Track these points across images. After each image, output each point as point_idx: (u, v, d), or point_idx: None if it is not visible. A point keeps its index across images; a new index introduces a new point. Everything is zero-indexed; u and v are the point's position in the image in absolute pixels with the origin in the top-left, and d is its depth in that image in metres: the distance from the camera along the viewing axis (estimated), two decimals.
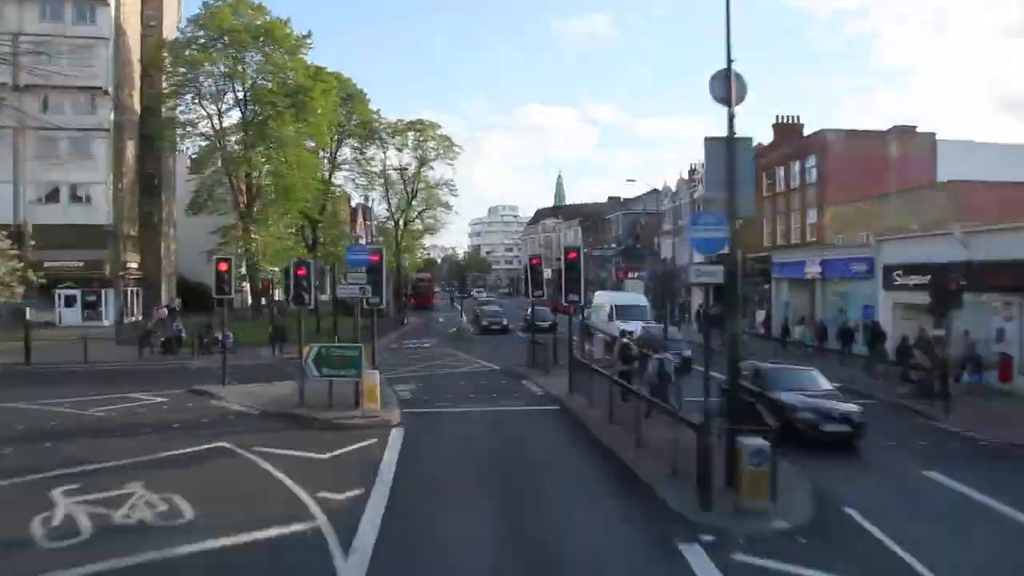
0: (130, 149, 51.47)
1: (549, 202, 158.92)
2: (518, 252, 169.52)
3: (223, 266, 23.04)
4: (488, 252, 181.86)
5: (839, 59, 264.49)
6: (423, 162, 64.62)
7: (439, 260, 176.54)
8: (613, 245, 79.18)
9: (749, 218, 46.60)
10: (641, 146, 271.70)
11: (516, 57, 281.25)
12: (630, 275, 74.93)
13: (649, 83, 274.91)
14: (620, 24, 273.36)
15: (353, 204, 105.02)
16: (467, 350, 36.01)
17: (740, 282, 12.85)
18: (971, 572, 9.36)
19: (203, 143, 52.84)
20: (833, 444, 15.09)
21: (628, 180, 63.04)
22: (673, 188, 66.73)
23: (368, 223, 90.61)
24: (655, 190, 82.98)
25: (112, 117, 47.15)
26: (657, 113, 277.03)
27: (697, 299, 54.67)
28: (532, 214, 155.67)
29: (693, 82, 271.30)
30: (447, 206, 66.39)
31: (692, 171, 63.52)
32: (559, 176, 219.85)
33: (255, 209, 51.58)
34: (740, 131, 11.84)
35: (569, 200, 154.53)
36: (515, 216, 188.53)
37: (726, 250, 12.55)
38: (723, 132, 11.94)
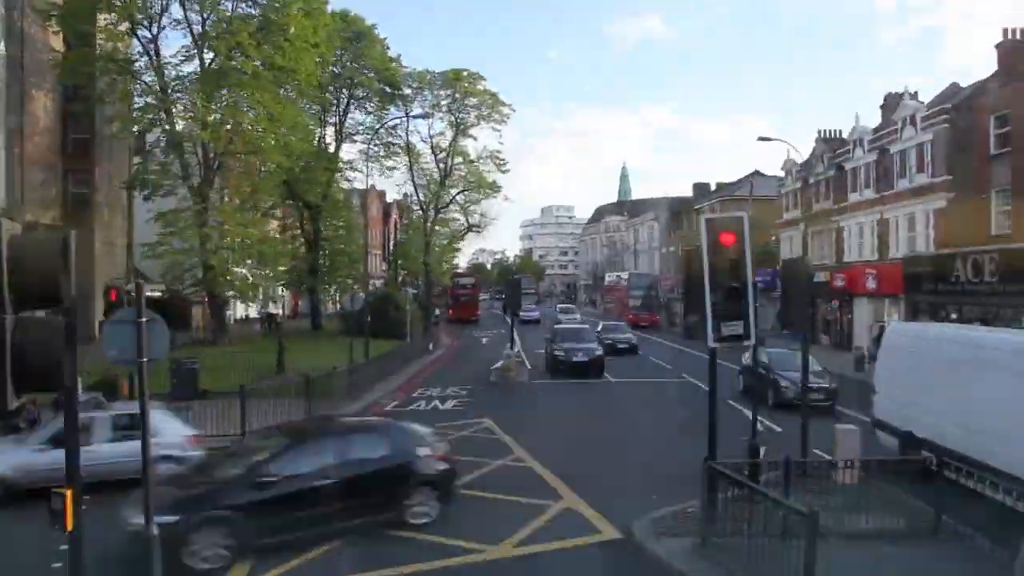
0: (43, 101, 36.06)
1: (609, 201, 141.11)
2: (574, 256, 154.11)
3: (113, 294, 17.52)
4: (541, 256, 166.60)
5: None
6: (460, 128, 48.04)
7: (488, 265, 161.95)
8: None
9: (962, 192, 29.94)
10: (697, 149, 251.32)
11: (567, 58, 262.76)
12: None
13: (704, 83, 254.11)
14: (673, 24, 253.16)
15: (388, 200, 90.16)
16: (519, 429, 19.04)
17: None
18: None
19: (148, 99, 37.09)
20: None
21: (760, 138, 43.17)
22: (798, 161, 48.90)
23: (404, 222, 74.46)
24: (756, 172, 65.31)
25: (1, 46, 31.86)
26: (714, 114, 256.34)
27: (863, 315, 37.02)
28: (590, 214, 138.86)
29: (746, 82, 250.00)
30: (493, 187, 49.50)
31: (830, 137, 45.75)
32: (624, 168, 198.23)
33: (213, 184, 35.71)
34: None
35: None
36: (570, 217, 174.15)
37: None
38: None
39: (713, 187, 72.16)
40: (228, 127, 35.22)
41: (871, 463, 10.46)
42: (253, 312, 55.56)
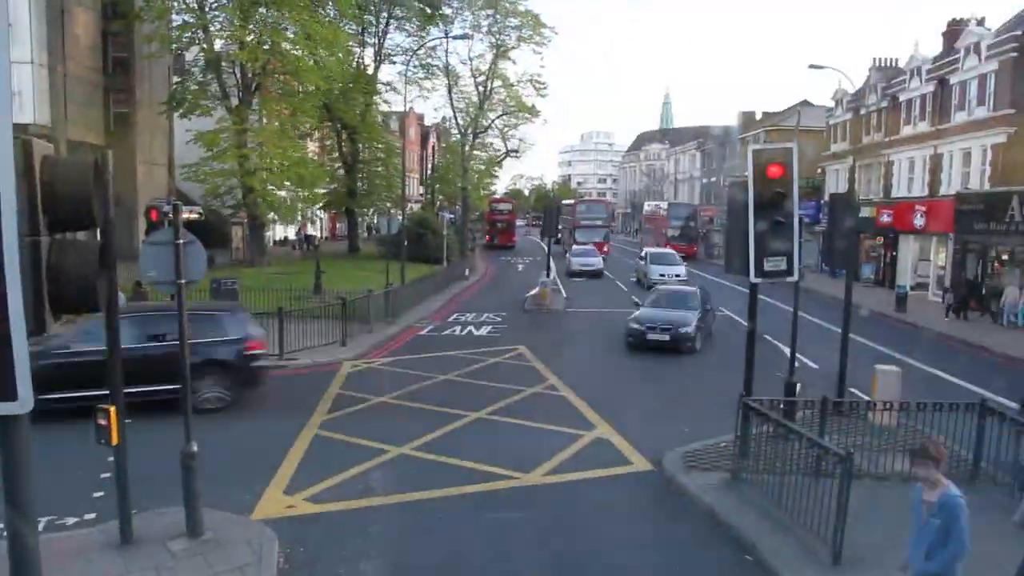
0: (82, 19, 35.90)
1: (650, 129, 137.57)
2: (612, 184, 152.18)
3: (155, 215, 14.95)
4: (579, 183, 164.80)
5: None
6: (501, 50, 46.78)
7: (526, 191, 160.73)
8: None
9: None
10: (745, 77, 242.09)
11: None
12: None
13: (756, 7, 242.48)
14: None
15: (426, 123, 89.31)
16: (553, 357, 19.22)
17: None
18: None
19: (185, 17, 36.56)
20: None
21: (811, 66, 41.13)
22: (850, 92, 46.95)
23: (442, 146, 73.69)
24: (805, 102, 63.01)
25: None
26: (765, 41, 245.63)
27: (909, 253, 36.04)
28: (630, 142, 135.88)
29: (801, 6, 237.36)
30: (532, 111, 48.41)
31: (886, 66, 43.69)
32: (666, 95, 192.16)
33: (252, 105, 35.50)
34: None
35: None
36: (610, 144, 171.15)
37: None
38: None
39: (759, 116, 69.92)
40: (266, 47, 34.74)
41: (910, 405, 10.24)
42: (291, 234, 56.20)
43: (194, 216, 35.94)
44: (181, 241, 7.36)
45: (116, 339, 7.22)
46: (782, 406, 10.22)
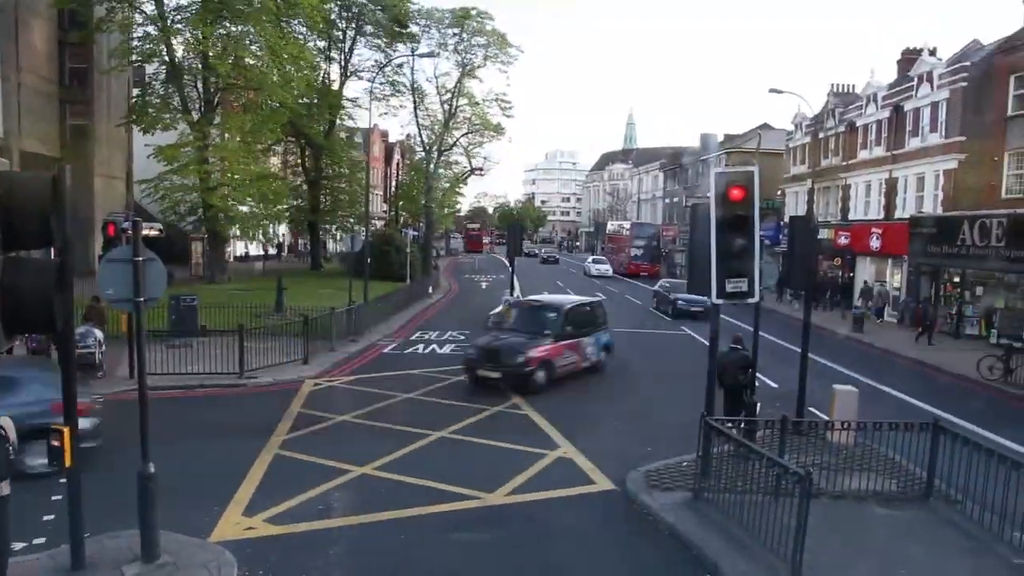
0: (39, 30, 35.24)
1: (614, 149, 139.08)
2: (576, 203, 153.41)
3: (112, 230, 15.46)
4: (543, 202, 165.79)
5: None
6: (467, 69, 47.00)
7: (490, 209, 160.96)
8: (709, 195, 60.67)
9: (975, 153, 29.38)
10: (706, 100, 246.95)
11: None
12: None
13: (718, 31, 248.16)
14: None
15: (391, 140, 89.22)
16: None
17: None
18: None
19: (147, 29, 36.02)
20: None
21: (771, 90, 42.62)
22: (808, 116, 48.10)
23: (407, 163, 73.65)
24: (765, 125, 64.49)
25: None
26: (726, 66, 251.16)
27: (866, 275, 36.87)
28: (594, 161, 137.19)
29: (761, 31, 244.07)
30: (498, 129, 48.64)
31: (843, 92, 44.93)
32: (630, 116, 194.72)
33: (214, 120, 35.10)
34: None
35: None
36: (573, 163, 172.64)
37: None
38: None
39: (720, 138, 71.21)
40: (230, 61, 34.47)
41: (867, 424, 10.46)
42: (253, 249, 55.48)
43: (154, 233, 35.50)
44: (141, 258, 7.23)
45: (71, 360, 7.04)
46: (743, 426, 10.35)
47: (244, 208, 35.06)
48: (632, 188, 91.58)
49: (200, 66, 34.25)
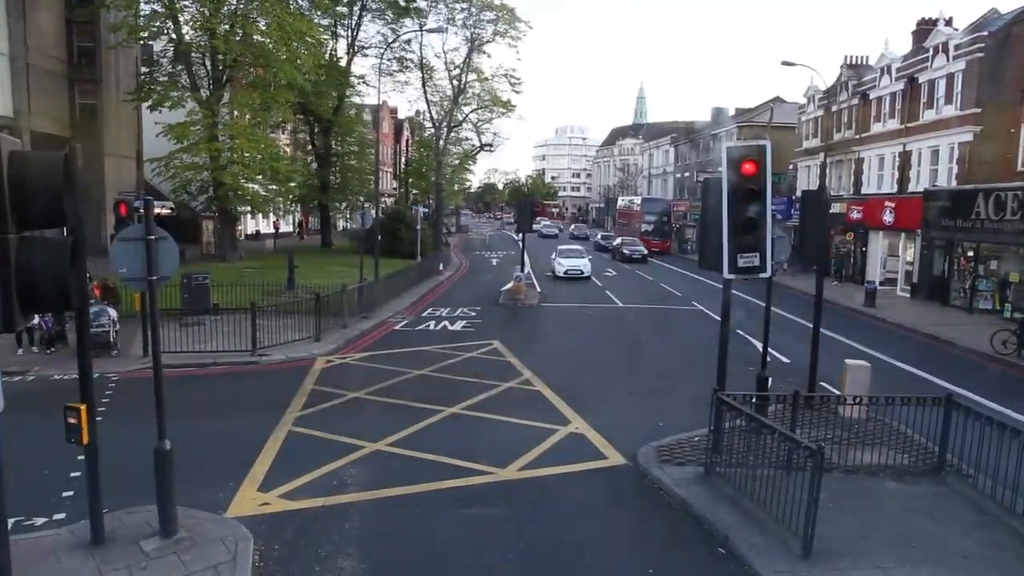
0: (46, 9, 35.12)
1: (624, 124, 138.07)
2: (586, 178, 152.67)
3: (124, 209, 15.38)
4: (553, 177, 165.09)
5: None
6: (476, 44, 46.60)
7: (500, 185, 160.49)
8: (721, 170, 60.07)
9: (991, 125, 28.98)
10: (718, 74, 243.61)
11: None
12: None
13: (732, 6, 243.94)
14: None
15: (400, 117, 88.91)
16: (528, 352, 19.48)
17: None
18: None
19: (153, 6, 35.79)
20: None
21: (783, 63, 42.26)
22: (821, 88, 47.49)
23: (416, 139, 73.48)
24: (777, 99, 63.78)
25: None
26: (739, 39, 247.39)
27: (878, 249, 36.58)
28: (604, 137, 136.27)
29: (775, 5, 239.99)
30: (507, 105, 48.27)
31: (857, 64, 44.31)
32: (641, 90, 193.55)
33: (223, 98, 35.02)
34: None
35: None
36: (584, 139, 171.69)
37: None
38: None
39: (732, 112, 70.48)
40: (237, 38, 34.29)
41: (879, 399, 10.43)
42: (264, 227, 55.61)
43: (166, 212, 35.55)
44: (153, 237, 7.26)
45: (86, 338, 7.11)
46: (755, 401, 10.35)
47: (255, 186, 35.01)
48: (643, 163, 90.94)
49: (207, 43, 34.09)
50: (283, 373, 16.04)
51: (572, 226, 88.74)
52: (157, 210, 7.54)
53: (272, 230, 59.91)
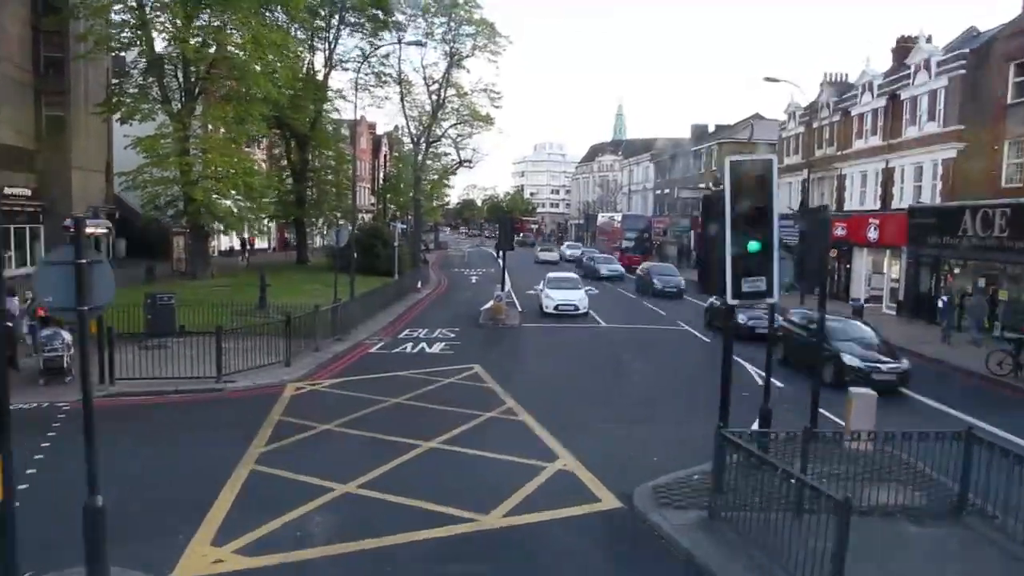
0: (11, 16, 33.92)
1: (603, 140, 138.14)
2: (565, 195, 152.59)
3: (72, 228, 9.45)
4: (532, 194, 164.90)
5: None
6: (455, 59, 45.92)
7: (479, 201, 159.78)
8: (706, 185, 59.88)
9: (974, 142, 28.69)
10: (695, 91, 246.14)
11: None
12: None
13: (708, 22, 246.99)
14: None
15: (378, 132, 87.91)
16: (510, 377, 18.66)
17: None
18: None
19: (124, 16, 34.65)
20: None
21: (766, 79, 41.73)
22: (802, 105, 47.40)
23: (394, 155, 72.58)
24: (757, 116, 63.78)
25: None
26: (715, 56, 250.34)
27: (863, 267, 36.19)
28: (583, 153, 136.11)
29: (752, 21, 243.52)
30: (487, 120, 47.59)
31: (837, 81, 44.22)
32: (619, 107, 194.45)
33: (195, 111, 33.96)
34: None
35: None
36: (562, 155, 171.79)
37: None
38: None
39: (712, 129, 70.42)
40: (211, 50, 33.31)
41: (895, 435, 9.63)
42: (238, 244, 54.33)
43: (101, 231, 34.12)
44: (85, 261, 6.30)
45: (4, 375, 6.12)
46: (760, 437, 9.51)
47: (227, 202, 33.87)
48: (623, 179, 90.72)
49: (180, 55, 33.06)
50: (249, 402, 14.99)
51: (565, 245, 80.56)
52: (91, 229, 6.68)
53: (247, 247, 58.68)
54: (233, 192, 35.37)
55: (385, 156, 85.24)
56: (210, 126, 34.60)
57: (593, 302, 30.92)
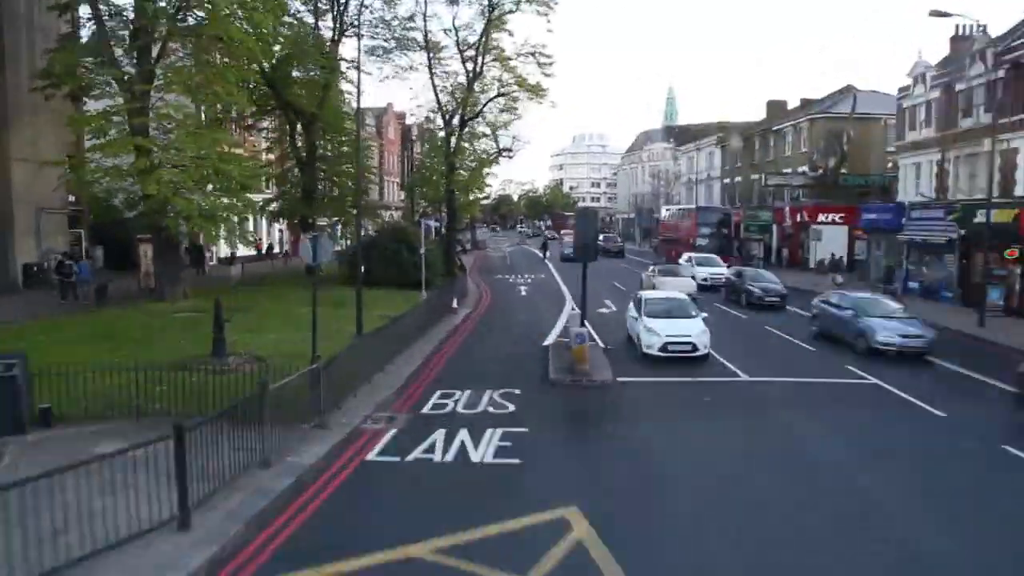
0: None
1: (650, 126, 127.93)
2: (607, 188, 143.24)
3: None
4: (572, 188, 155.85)
5: None
6: (494, 15, 36.75)
7: (515, 196, 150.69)
8: (801, 171, 49.79)
9: None
10: (740, 79, 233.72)
11: None
12: (826, 217, 46.31)
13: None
14: None
15: (407, 122, 78.93)
16: (645, 533, 9.23)
17: None
18: None
19: None
20: None
21: (931, 13, 30.57)
22: (930, 64, 37.36)
23: (426, 145, 63.66)
24: (849, 87, 53.66)
25: None
26: (771, 38, 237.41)
27: None
28: (626, 144, 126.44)
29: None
30: (537, 90, 38.06)
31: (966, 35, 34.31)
32: (670, 91, 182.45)
33: (153, 75, 25.26)
34: None
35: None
36: (603, 147, 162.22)
37: None
38: None
39: (791, 106, 60.36)
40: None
41: None
42: (241, 251, 45.86)
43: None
44: None
45: None
46: None
47: (196, 197, 25.12)
48: (681, 168, 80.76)
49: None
50: None
51: (685, 259, 51.08)
52: None
53: (269, 250, 50.67)
54: (211, 186, 26.78)
55: (414, 147, 76.53)
56: (175, 96, 25.88)
57: None
